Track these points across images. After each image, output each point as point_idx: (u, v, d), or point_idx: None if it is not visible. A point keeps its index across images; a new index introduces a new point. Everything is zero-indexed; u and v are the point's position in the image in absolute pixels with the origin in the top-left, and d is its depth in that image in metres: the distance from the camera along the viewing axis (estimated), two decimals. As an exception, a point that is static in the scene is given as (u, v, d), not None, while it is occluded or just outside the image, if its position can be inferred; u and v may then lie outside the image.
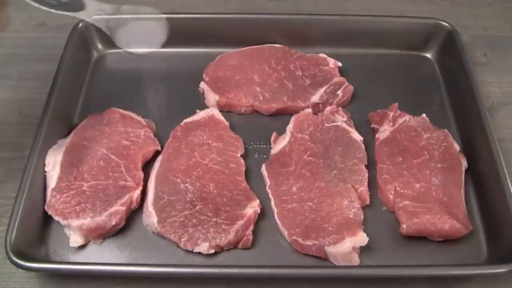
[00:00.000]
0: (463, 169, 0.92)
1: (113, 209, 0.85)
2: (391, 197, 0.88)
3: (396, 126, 0.97)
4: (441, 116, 1.04)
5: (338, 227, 0.83)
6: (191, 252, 0.83)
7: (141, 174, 0.90)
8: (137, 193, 0.88)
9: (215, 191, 0.88)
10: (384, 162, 0.93)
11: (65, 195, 0.86)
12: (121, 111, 0.99)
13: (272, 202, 0.89)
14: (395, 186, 0.89)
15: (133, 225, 0.88)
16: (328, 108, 1.00)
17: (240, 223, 0.84)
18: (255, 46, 1.10)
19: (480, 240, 0.87)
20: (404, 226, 0.84)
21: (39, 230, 0.86)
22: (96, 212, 0.84)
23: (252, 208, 0.86)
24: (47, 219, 0.87)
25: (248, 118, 1.03)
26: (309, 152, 0.93)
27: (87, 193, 0.86)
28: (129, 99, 1.05)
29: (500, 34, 1.22)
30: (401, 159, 0.93)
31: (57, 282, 0.83)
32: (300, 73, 1.06)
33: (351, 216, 0.85)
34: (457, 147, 0.94)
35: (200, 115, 0.99)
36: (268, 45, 1.10)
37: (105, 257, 0.84)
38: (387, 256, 0.85)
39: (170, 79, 1.09)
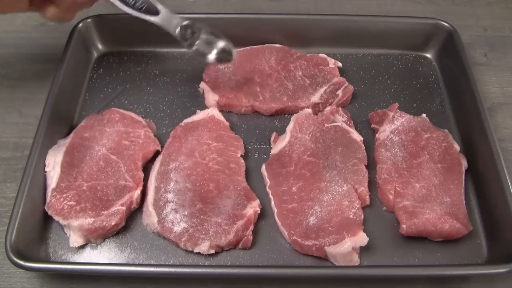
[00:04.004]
0: (463, 169, 0.92)
1: (113, 209, 0.85)
2: (391, 197, 0.88)
3: (396, 126, 0.97)
4: (441, 116, 1.04)
5: (338, 227, 0.83)
6: (191, 252, 0.84)
7: (141, 174, 0.90)
8: (137, 193, 0.88)
9: (215, 191, 0.88)
10: (384, 162, 0.93)
11: (65, 195, 0.86)
12: (121, 111, 0.99)
13: (272, 202, 0.89)
14: (395, 186, 0.89)
15: (133, 225, 0.88)
16: (328, 108, 1.00)
17: (240, 223, 0.84)
18: (255, 46, 1.10)
19: (480, 240, 0.87)
20: (404, 226, 0.84)
21: (39, 230, 0.86)
22: (96, 212, 0.84)
23: (252, 208, 0.86)
24: (47, 219, 0.87)
25: (248, 118, 1.03)
26: (309, 152, 0.93)
27: (87, 193, 0.86)
28: (129, 99, 1.05)
29: (500, 34, 1.22)
30: (401, 159, 0.93)
31: (57, 282, 0.83)
32: (300, 73, 1.06)
33: (351, 216, 0.85)
34: (457, 147, 0.94)
35: (200, 115, 0.99)
36: (268, 45, 1.10)
37: (105, 257, 0.84)
38: (387, 256, 0.85)
39: (170, 79, 1.09)
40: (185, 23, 0.95)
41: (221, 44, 0.96)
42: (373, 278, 0.83)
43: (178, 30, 0.95)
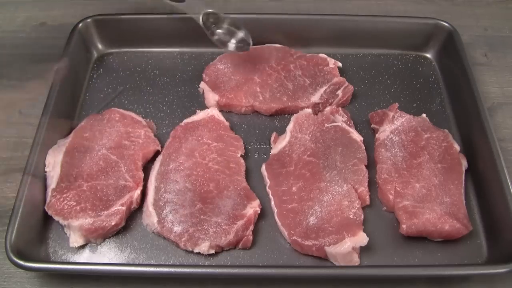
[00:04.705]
0: (463, 169, 0.92)
1: (113, 209, 0.85)
2: (391, 197, 0.88)
3: (396, 126, 0.97)
4: (441, 116, 1.04)
5: (338, 227, 0.83)
6: (191, 252, 0.84)
7: (141, 174, 0.90)
8: (137, 193, 0.88)
9: (215, 191, 0.88)
10: (384, 162, 0.93)
11: (65, 195, 0.86)
12: (121, 111, 0.99)
13: (272, 202, 0.89)
14: (395, 186, 0.89)
15: (133, 225, 0.88)
16: (328, 108, 1.00)
17: (240, 223, 0.84)
18: (255, 46, 1.10)
19: (480, 240, 0.87)
20: (404, 226, 0.84)
21: (39, 230, 0.86)
22: (96, 212, 0.84)
23: (252, 208, 0.86)
24: (47, 219, 0.87)
25: (248, 118, 1.03)
26: (309, 152, 0.93)
27: (87, 193, 0.86)
28: (129, 99, 1.05)
29: (500, 34, 1.22)
30: (401, 159, 0.93)
31: (57, 282, 0.83)
32: (300, 73, 1.06)
33: (351, 216, 0.85)
34: (457, 147, 0.94)
35: (200, 115, 0.99)
36: (268, 45, 1.10)
37: (105, 257, 0.84)
38: (387, 256, 0.85)
39: (170, 79, 1.09)
40: (208, 10, 1.01)
41: (240, 34, 1.02)
42: (373, 278, 0.83)
43: (201, 16, 1.00)
